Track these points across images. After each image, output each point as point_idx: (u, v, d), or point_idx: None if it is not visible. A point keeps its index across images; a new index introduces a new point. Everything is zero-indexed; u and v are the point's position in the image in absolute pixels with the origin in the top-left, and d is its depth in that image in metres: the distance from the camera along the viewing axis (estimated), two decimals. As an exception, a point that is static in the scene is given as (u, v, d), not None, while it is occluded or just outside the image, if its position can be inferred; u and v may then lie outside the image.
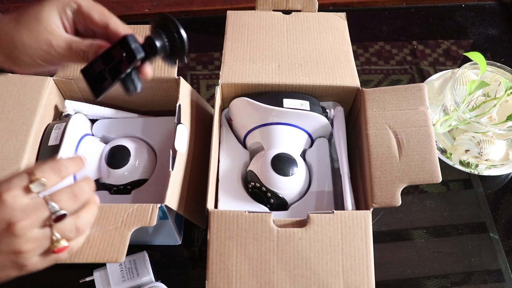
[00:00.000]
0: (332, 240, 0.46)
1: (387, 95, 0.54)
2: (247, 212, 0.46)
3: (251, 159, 0.57)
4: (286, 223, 0.47)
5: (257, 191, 0.53)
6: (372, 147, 0.51)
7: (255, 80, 0.56)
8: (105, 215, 0.45)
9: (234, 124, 0.59)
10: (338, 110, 0.58)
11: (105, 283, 0.54)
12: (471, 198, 0.67)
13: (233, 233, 0.46)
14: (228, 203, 0.53)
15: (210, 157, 0.51)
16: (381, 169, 0.50)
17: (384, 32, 0.87)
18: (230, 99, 0.58)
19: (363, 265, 0.46)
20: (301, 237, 0.46)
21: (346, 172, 0.53)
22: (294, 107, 0.54)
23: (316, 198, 0.53)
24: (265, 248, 0.46)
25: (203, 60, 0.83)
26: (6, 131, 0.52)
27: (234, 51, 0.59)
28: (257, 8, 0.65)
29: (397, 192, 0.48)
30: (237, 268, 0.45)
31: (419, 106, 0.53)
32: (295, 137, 0.56)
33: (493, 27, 0.88)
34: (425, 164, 0.49)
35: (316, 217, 0.47)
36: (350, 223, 0.47)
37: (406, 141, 0.51)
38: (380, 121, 0.53)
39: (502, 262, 0.61)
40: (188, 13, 0.89)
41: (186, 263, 0.61)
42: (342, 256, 0.46)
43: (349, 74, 0.57)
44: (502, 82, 0.66)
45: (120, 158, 0.54)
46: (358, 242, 0.46)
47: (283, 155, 0.53)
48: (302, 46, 0.60)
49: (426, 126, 0.51)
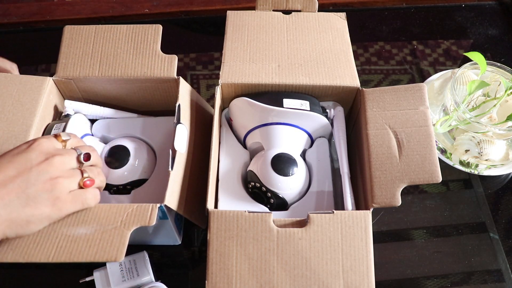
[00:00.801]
0: (332, 240, 0.46)
1: (387, 95, 0.54)
2: (247, 212, 0.46)
3: (251, 159, 0.57)
4: (286, 223, 0.47)
5: (257, 191, 0.53)
6: (372, 147, 0.51)
7: (255, 80, 0.56)
8: (104, 215, 0.45)
9: (234, 124, 0.59)
10: (338, 110, 0.58)
11: (105, 283, 0.54)
12: (471, 198, 0.67)
13: (233, 233, 0.46)
14: (228, 203, 0.53)
15: (210, 157, 0.51)
16: (381, 169, 0.50)
17: (384, 32, 0.87)
18: (230, 99, 0.58)
19: (363, 265, 0.46)
20: (301, 237, 0.46)
21: (346, 172, 0.53)
22: (294, 107, 0.54)
23: (316, 198, 0.53)
24: (265, 248, 0.46)
25: (203, 60, 0.83)
26: (5, 131, 0.51)
27: (234, 51, 0.59)
28: (257, 8, 0.65)
29: (397, 192, 0.48)
30: (237, 268, 0.45)
31: (419, 106, 0.53)
32: (295, 137, 0.56)
33: (493, 27, 0.88)
34: (425, 164, 0.49)
35: (316, 217, 0.47)
36: (350, 223, 0.47)
37: (406, 141, 0.51)
38: (380, 121, 0.52)
39: (502, 262, 0.61)
40: (188, 13, 0.89)
41: (186, 263, 0.61)
42: (342, 256, 0.46)
43: (349, 74, 0.57)
44: (502, 82, 0.66)
45: (120, 158, 0.54)
46: (358, 242, 0.46)
47: (283, 155, 0.53)
48: (302, 46, 0.60)
49: (426, 126, 0.51)
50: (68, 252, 0.43)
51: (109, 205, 0.46)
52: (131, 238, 0.44)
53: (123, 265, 0.55)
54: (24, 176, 0.42)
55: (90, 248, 0.43)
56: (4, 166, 0.42)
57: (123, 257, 0.43)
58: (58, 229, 0.44)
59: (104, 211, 0.45)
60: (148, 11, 0.88)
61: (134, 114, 0.62)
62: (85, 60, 0.57)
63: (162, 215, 0.51)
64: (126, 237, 0.44)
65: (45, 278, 0.60)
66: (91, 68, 0.57)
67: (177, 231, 0.58)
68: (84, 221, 0.45)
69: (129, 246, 0.44)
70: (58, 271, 0.61)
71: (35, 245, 0.43)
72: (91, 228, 0.44)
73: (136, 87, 0.58)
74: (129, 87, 0.58)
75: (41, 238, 0.44)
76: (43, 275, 0.61)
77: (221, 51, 0.59)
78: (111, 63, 0.57)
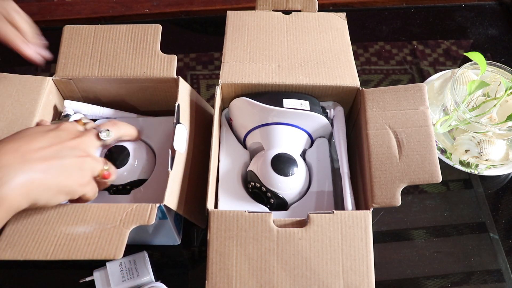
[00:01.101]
0: (332, 240, 0.46)
1: (387, 95, 0.54)
2: (247, 212, 0.46)
3: (251, 159, 0.57)
4: (286, 223, 0.47)
5: (257, 191, 0.53)
6: (372, 147, 0.51)
7: (255, 80, 0.56)
8: (103, 215, 0.45)
9: (234, 124, 0.59)
10: (338, 110, 0.58)
11: (105, 283, 0.54)
12: (471, 198, 0.67)
13: (233, 233, 0.46)
14: (228, 203, 0.53)
15: (210, 157, 0.51)
16: (381, 169, 0.50)
17: (384, 32, 0.87)
18: (230, 99, 0.58)
19: (363, 265, 0.46)
20: (301, 237, 0.46)
21: (346, 172, 0.53)
22: (294, 107, 0.54)
23: (316, 198, 0.53)
24: (265, 248, 0.46)
25: (203, 60, 0.83)
26: (5, 131, 0.51)
27: (234, 51, 0.59)
28: (257, 8, 0.65)
29: (397, 192, 0.48)
30: (237, 268, 0.45)
31: (419, 106, 0.53)
32: (295, 137, 0.56)
33: (493, 27, 0.88)
34: (425, 164, 0.49)
35: (316, 217, 0.46)
36: (350, 223, 0.47)
37: (406, 141, 0.51)
38: (380, 121, 0.52)
39: (502, 262, 0.61)
40: (188, 13, 0.89)
41: (186, 263, 0.61)
42: (342, 256, 0.46)
43: (349, 74, 0.57)
44: (502, 82, 0.66)
45: (119, 158, 0.54)
46: (358, 242, 0.46)
47: (283, 155, 0.53)
48: (302, 46, 0.60)
49: (426, 126, 0.51)
50: (67, 250, 0.43)
51: (109, 205, 0.46)
52: (130, 238, 0.44)
53: (123, 265, 0.54)
54: (59, 148, 0.43)
55: (89, 246, 0.43)
56: (37, 138, 0.43)
57: (121, 254, 0.43)
58: (57, 228, 0.44)
59: (103, 211, 0.45)
60: (148, 11, 0.88)
61: (134, 114, 0.62)
62: (85, 60, 0.57)
63: (162, 215, 0.51)
64: (125, 236, 0.44)
65: (45, 278, 0.60)
66: (90, 68, 0.57)
67: (176, 231, 0.58)
68: (83, 220, 0.45)
69: (129, 246, 0.44)
70: (58, 271, 0.61)
71: (34, 243, 0.43)
72: (90, 227, 0.44)
73: (135, 87, 0.58)
74: (129, 87, 0.58)
75: (40, 236, 0.44)
76: (43, 275, 0.61)
77: (221, 51, 0.59)
78: (110, 63, 0.57)
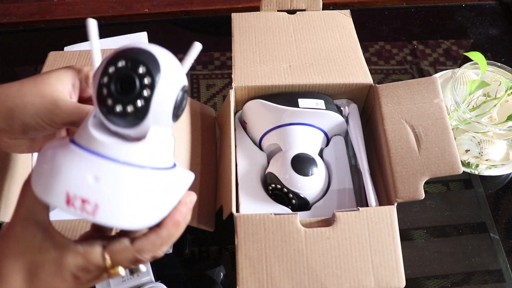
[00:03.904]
0: (360, 237, 0.46)
1: (400, 89, 0.55)
2: (273, 214, 0.46)
3: (268, 161, 0.57)
4: (312, 223, 0.47)
5: (278, 192, 0.53)
6: (391, 142, 0.51)
7: (268, 81, 0.56)
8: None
9: (248, 127, 0.58)
10: (352, 108, 0.58)
11: (105, 283, 0.53)
12: (472, 198, 0.67)
13: (261, 236, 0.46)
14: (250, 206, 0.52)
15: (230, 162, 0.51)
16: (402, 164, 0.50)
17: (384, 32, 0.88)
18: (243, 102, 0.58)
19: (392, 260, 0.46)
20: (329, 236, 0.46)
21: (366, 168, 0.53)
22: (310, 107, 0.54)
23: (338, 196, 0.54)
24: (294, 249, 0.46)
25: (203, 60, 0.83)
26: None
27: (243, 53, 0.59)
28: (262, 9, 0.65)
29: (420, 185, 0.49)
30: (267, 271, 0.45)
31: (433, 99, 0.53)
32: (312, 137, 0.56)
33: (494, 27, 0.88)
34: (445, 156, 0.50)
35: (342, 215, 0.47)
36: (376, 219, 0.47)
37: (424, 135, 0.51)
38: (396, 116, 0.53)
39: (503, 262, 0.61)
40: (188, 13, 0.88)
41: (185, 263, 0.61)
42: (371, 253, 0.46)
43: (361, 71, 0.57)
44: (502, 82, 0.66)
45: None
46: (385, 238, 0.46)
47: (302, 155, 0.53)
48: (311, 45, 0.60)
49: (442, 119, 0.52)
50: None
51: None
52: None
53: (124, 266, 0.54)
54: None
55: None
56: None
57: None
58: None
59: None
60: (148, 11, 0.87)
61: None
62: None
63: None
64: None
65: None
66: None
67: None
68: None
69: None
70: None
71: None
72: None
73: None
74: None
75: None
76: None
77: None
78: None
